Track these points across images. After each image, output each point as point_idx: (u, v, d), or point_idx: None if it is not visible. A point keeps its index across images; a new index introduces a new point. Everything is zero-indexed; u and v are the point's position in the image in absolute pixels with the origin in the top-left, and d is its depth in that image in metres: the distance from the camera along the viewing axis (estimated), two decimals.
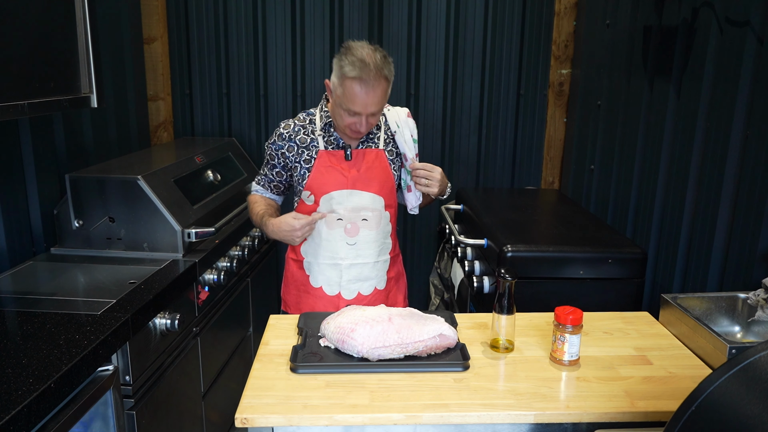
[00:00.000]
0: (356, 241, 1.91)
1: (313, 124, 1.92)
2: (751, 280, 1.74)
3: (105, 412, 1.57)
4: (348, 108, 1.75)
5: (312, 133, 1.90)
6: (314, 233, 1.91)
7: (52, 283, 1.96)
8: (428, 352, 1.44)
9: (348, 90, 1.72)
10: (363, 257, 1.92)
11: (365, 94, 1.71)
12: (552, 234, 2.27)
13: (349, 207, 1.88)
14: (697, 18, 2.04)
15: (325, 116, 1.91)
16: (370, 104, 1.73)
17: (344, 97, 1.74)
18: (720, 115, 1.90)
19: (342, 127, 1.83)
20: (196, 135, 3.37)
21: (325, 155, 1.88)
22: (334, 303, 1.94)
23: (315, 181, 1.88)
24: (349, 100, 1.73)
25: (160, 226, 2.18)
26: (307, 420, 1.22)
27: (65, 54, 1.77)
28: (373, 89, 1.71)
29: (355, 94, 1.71)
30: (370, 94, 1.71)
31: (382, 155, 1.93)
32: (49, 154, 2.26)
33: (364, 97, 1.71)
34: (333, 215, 1.88)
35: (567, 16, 3.18)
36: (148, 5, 3.11)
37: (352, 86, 1.70)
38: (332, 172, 1.87)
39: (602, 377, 1.38)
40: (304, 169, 1.89)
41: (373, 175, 1.90)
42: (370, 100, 1.72)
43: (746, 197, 1.78)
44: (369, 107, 1.74)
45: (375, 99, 1.73)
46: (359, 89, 1.70)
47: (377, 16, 3.20)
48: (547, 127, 3.33)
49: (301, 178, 1.90)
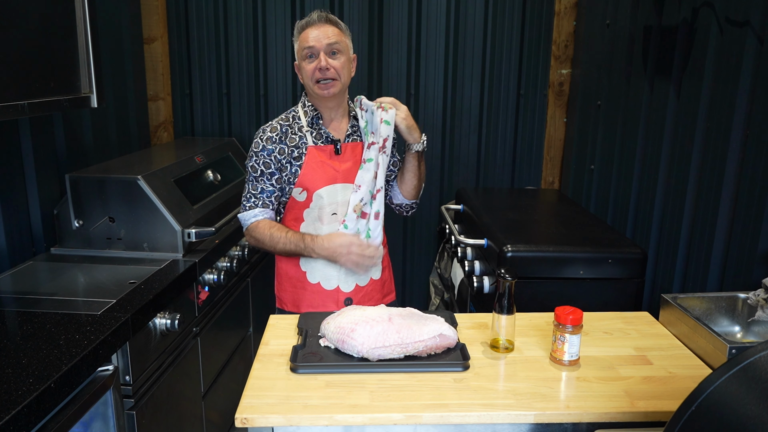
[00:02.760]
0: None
1: (298, 121, 1.90)
2: (751, 280, 1.74)
3: (105, 412, 1.57)
4: (304, 48, 1.80)
5: (299, 130, 1.88)
6: (310, 229, 1.88)
7: (52, 283, 1.96)
8: (428, 352, 1.44)
9: (301, 36, 1.82)
10: None
11: (314, 29, 1.80)
12: (552, 234, 2.27)
13: (342, 201, 1.86)
14: (697, 18, 2.04)
15: (310, 110, 1.89)
16: (322, 36, 1.79)
17: (300, 45, 1.82)
18: (720, 115, 1.90)
19: (311, 85, 1.83)
20: (196, 135, 3.37)
21: (314, 151, 1.86)
22: (333, 297, 1.92)
23: (306, 177, 1.86)
24: (303, 41, 1.81)
25: (160, 226, 2.18)
26: (307, 420, 1.22)
27: (65, 54, 1.77)
28: (321, 25, 1.80)
29: (307, 34, 1.81)
30: (320, 28, 1.80)
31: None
32: (49, 154, 2.26)
33: (313, 31, 1.80)
34: (327, 209, 1.86)
35: (567, 16, 3.18)
36: (148, 5, 3.11)
37: (303, 33, 1.82)
38: (323, 167, 1.86)
39: (602, 377, 1.38)
40: (295, 166, 1.86)
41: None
42: (321, 34, 1.79)
43: (746, 197, 1.78)
44: (322, 39, 1.79)
45: (326, 33, 1.80)
46: (309, 28, 1.81)
47: (377, 16, 3.20)
48: (547, 127, 3.33)
49: (292, 175, 1.87)
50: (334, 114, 1.91)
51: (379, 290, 1.99)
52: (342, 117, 1.93)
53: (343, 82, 1.84)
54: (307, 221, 1.89)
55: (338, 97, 1.86)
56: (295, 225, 1.91)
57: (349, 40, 1.87)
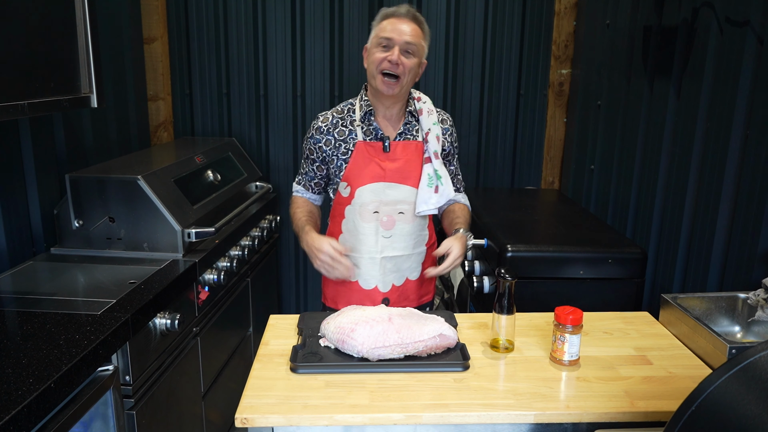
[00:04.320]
0: (392, 233, 1.87)
1: (351, 115, 1.88)
2: (751, 280, 1.74)
3: (105, 412, 1.57)
4: (381, 38, 1.76)
5: (351, 124, 1.87)
6: (351, 226, 1.88)
7: (52, 283, 1.96)
8: (428, 352, 1.44)
9: (382, 24, 1.77)
10: (399, 249, 1.89)
11: (398, 21, 1.75)
12: (552, 234, 2.27)
13: (385, 200, 1.85)
14: (697, 18, 2.04)
15: (365, 105, 1.87)
16: (403, 32, 1.74)
17: (378, 32, 1.77)
18: (720, 115, 1.90)
19: (375, 74, 1.78)
20: (196, 135, 3.37)
21: (362, 146, 1.84)
22: (370, 297, 1.90)
23: (351, 172, 1.84)
24: (382, 30, 1.76)
25: (160, 226, 2.18)
26: (307, 420, 1.22)
27: (65, 54, 1.77)
28: (406, 20, 1.75)
29: (389, 23, 1.76)
30: (403, 23, 1.75)
31: (421, 148, 1.88)
32: (49, 154, 2.26)
33: (397, 23, 1.75)
34: (369, 207, 1.85)
35: (567, 16, 3.18)
36: (148, 5, 3.11)
37: (387, 18, 1.77)
38: (370, 164, 1.84)
39: (602, 377, 1.38)
40: (341, 160, 1.86)
41: (411, 167, 1.86)
42: (403, 28, 1.74)
43: (746, 197, 1.78)
44: (402, 35, 1.74)
45: (408, 29, 1.75)
46: (393, 18, 1.76)
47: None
48: (547, 127, 3.33)
49: (338, 169, 1.87)
50: (390, 112, 1.88)
51: (415, 290, 1.96)
52: (398, 115, 1.89)
53: (406, 83, 1.80)
54: (348, 218, 1.89)
55: (397, 96, 1.83)
56: (339, 221, 1.91)
57: (427, 44, 1.83)
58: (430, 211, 1.90)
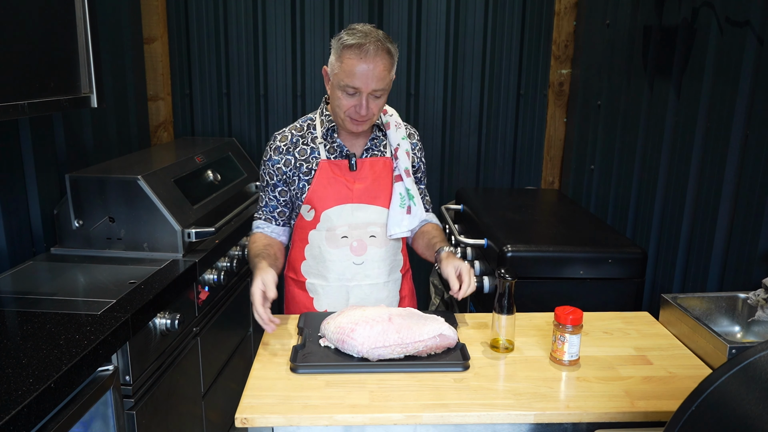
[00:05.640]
0: (363, 260, 1.74)
1: (312, 131, 1.74)
2: (751, 280, 1.74)
3: (105, 412, 1.57)
4: (346, 84, 1.56)
5: (312, 142, 1.73)
6: (316, 252, 1.74)
7: (52, 283, 1.96)
8: (428, 352, 1.44)
9: (346, 63, 1.55)
10: (372, 277, 1.76)
11: (365, 64, 1.54)
12: (552, 234, 2.27)
13: (354, 223, 1.71)
14: (697, 18, 2.04)
15: (326, 121, 1.72)
16: (371, 78, 1.55)
17: (342, 73, 1.56)
18: (720, 115, 1.90)
19: (341, 116, 1.63)
20: (196, 135, 3.37)
21: (327, 166, 1.70)
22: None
23: (315, 194, 1.70)
24: (347, 74, 1.55)
25: (160, 226, 2.18)
26: (307, 420, 1.22)
27: (65, 54, 1.77)
28: (374, 61, 1.54)
29: (354, 65, 1.54)
30: (371, 65, 1.54)
31: (390, 164, 1.76)
32: (49, 154, 2.26)
33: (365, 69, 1.54)
34: (337, 232, 1.72)
35: (567, 16, 3.18)
36: (148, 5, 3.11)
37: (351, 57, 1.54)
38: (335, 184, 1.70)
39: (602, 377, 1.38)
40: (303, 181, 1.71)
41: (380, 186, 1.73)
42: (371, 73, 1.54)
43: (746, 197, 1.78)
44: (370, 82, 1.55)
45: (377, 72, 1.55)
46: (359, 60, 1.54)
47: (377, 16, 3.20)
48: (547, 127, 3.33)
49: (299, 191, 1.72)
50: None
51: None
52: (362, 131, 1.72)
53: (376, 118, 1.68)
54: (312, 243, 1.75)
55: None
56: (301, 247, 1.78)
57: (395, 67, 1.63)
58: (402, 234, 1.76)
